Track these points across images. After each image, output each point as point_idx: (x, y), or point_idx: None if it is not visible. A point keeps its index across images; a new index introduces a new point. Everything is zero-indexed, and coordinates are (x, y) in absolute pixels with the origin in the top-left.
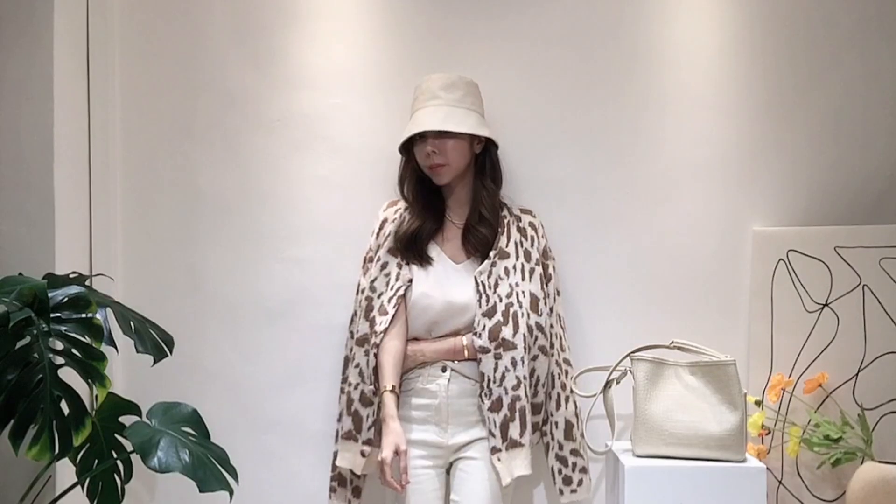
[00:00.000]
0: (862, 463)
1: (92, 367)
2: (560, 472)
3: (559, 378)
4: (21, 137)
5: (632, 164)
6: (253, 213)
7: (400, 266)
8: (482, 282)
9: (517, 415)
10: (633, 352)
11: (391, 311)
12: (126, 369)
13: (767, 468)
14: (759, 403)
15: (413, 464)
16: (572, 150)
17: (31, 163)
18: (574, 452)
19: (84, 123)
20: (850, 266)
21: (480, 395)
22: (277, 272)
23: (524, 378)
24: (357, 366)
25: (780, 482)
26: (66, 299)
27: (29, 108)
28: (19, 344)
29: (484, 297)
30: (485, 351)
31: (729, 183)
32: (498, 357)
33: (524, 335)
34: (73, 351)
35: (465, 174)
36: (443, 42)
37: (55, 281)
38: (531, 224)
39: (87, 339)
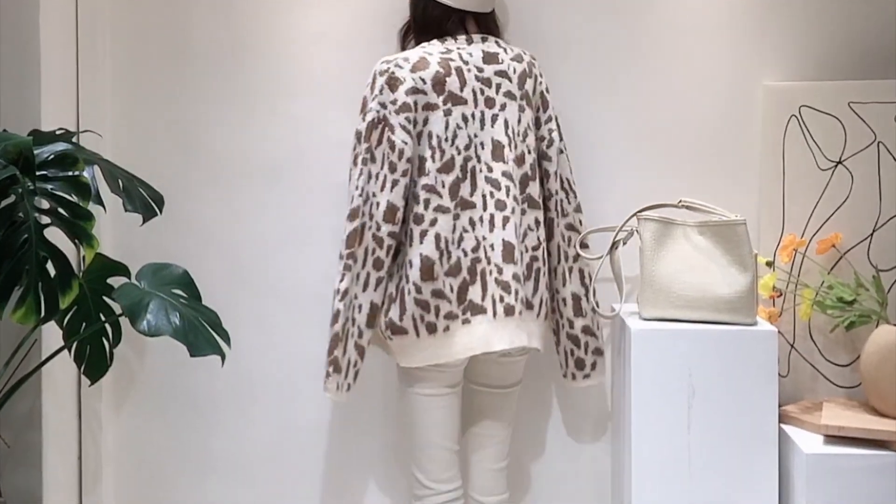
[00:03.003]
0: (877, 326)
1: (79, 226)
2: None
3: None
4: None
5: (637, 18)
6: (246, 68)
7: None
8: None
9: None
10: (639, 211)
11: None
12: (114, 229)
13: (779, 331)
14: (770, 264)
15: None
16: (576, 2)
17: (15, 16)
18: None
19: None
20: (864, 122)
21: None
22: (271, 129)
23: None
24: None
25: (791, 346)
26: (52, 156)
27: None
28: (4, 203)
29: None
30: None
31: (738, 36)
32: None
33: None
34: (60, 210)
35: None
36: None
37: (41, 138)
38: None
39: (73, 198)
